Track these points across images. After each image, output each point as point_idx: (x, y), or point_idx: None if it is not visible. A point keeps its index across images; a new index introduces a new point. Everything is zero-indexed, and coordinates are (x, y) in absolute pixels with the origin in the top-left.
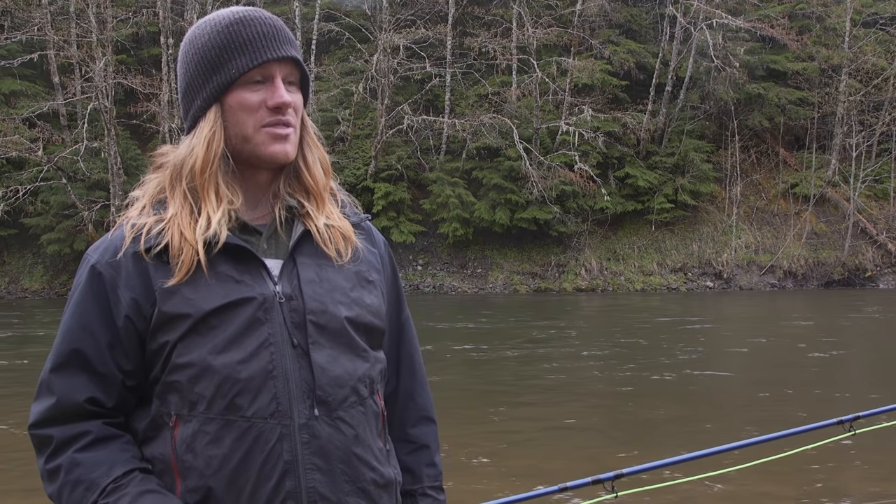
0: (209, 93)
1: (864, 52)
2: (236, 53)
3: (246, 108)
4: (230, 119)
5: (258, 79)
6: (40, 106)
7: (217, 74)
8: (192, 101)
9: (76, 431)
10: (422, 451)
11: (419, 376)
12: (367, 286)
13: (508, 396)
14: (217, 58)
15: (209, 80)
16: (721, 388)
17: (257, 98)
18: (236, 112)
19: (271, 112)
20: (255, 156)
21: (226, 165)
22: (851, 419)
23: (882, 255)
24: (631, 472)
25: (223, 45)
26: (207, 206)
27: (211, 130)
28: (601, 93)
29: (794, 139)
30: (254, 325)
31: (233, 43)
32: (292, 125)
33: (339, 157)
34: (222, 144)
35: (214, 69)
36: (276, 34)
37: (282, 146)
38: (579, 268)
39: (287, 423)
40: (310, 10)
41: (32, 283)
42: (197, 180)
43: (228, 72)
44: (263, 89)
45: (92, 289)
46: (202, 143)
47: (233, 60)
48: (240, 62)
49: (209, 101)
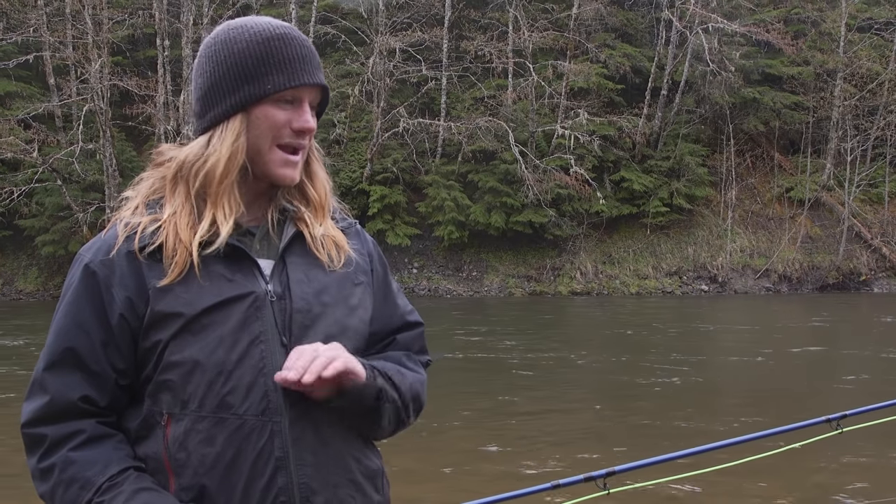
0: (238, 100)
1: (859, 56)
2: (274, 70)
3: (271, 124)
4: (252, 131)
5: (289, 98)
6: (35, 107)
7: (250, 84)
8: (215, 103)
9: (70, 430)
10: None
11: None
12: (354, 288)
13: (501, 395)
14: (253, 68)
15: (240, 87)
16: (714, 389)
17: (284, 117)
18: (259, 125)
19: (293, 134)
20: (264, 172)
21: (243, 177)
22: (839, 417)
23: (876, 259)
24: (622, 469)
25: (261, 57)
26: (218, 213)
27: (236, 140)
28: (597, 96)
29: (789, 143)
30: (245, 322)
31: (272, 58)
32: (305, 149)
33: (335, 160)
34: (244, 155)
35: (248, 78)
36: (311, 58)
37: (291, 172)
38: (574, 271)
39: (278, 420)
40: (306, 12)
41: (27, 285)
42: (213, 188)
43: (263, 85)
44: (291, 110)
45: (86, 287)
46: (226, 152)
47: (269, 75)
48: (277, 79)
49: (236, 109)
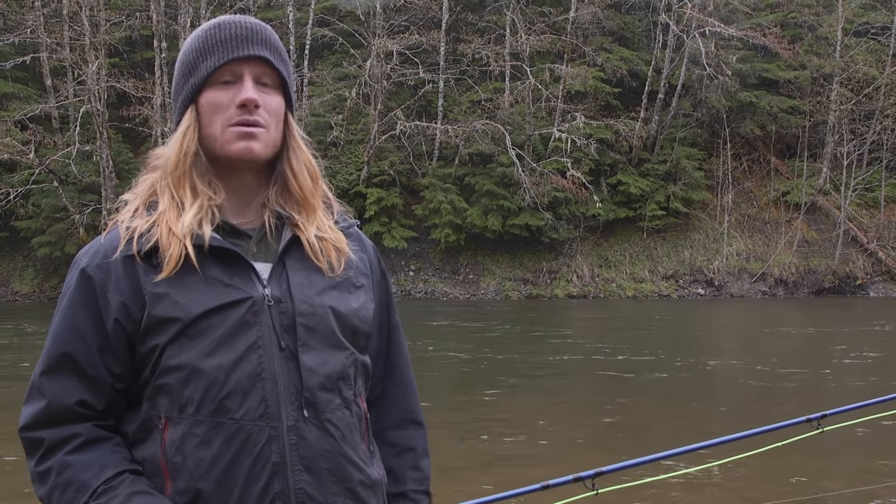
0: (186, 94)
1: (856, 61)
2: (208, 55)
3: (215, 106)
4: (204, 119)
5: (227, 78)
6: (32, 108)
7: (192, 76)
8: (175, 103)
9: (67, 434)
10: (406, 454)
11: (407, 380)
12: (355, 291)
13: (492, 397)
14: (193, 61)
15: (186, 82)
16: (701, 390)
17: (226, 97)
18: (208, 112)
19: (238, 111)
20: (223, 154)
21: (199, 163)
22: (819, 417)
23: (872, 263)
24: (611, 469)
25: (199, 49)
26: (185, 201)
27: (184, 130)
28: (594, 100)
29: (785, 147)
30: (243, 327)
31: (206, 45)
32: (262, 125)
33: (332, 163)
34: (195, 142)
35: (191, 71)
36: (248, 35)
37: (245, 143)
38: (571, 274)
39: (275, 425)
40: (303, 15)
41: (23, 287)
42: (171, 177)
43: (200, 73)
44: (234, 88)
45: (82, 292)
46: (175, 141)
47: (205, 61)
48: (209, 62)
49: (186, 103)
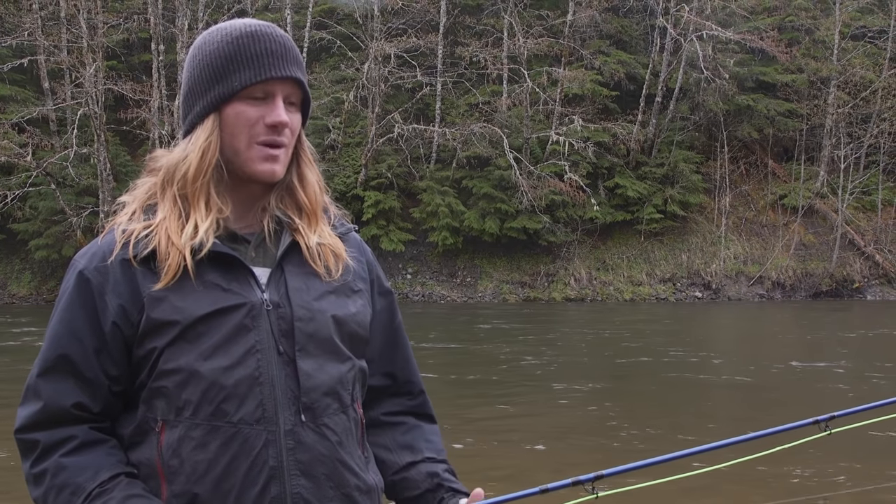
0: (210, 101)
1: (853, 64)
2: (242, 66)
3: (243, 121)
4: (226, 130)
5: (259, 95)
6: (30, 111)
7: (220, 84)
8: (192, 105)
9: (62, 436)
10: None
11: (415, 379)
12: (353, 295)
13: (489, 400)
14: (222, 67)
15: (212, 88)
16: (704, 392)
17: (256, 113)
18: (233, 124)
19: (267, 130)
20: (244, 171)
21: (219, 176)
22: (827, 419)
23: (870, 266)
24: (611, 472)
25: (230, 56)
26: (196, 213)
27: (207, 140)
28: (591, 103)
29: (782, 151)
30: (241, 332)
31: (240, 55)
32: (285, 145)
33: (330, 165)
34: (217, 154)
35: (218, 78)
36: (284, 53)
37: (271, 166)
38: (568, 277)
39: (273, 430)
40: (301, 17)
41: (20, 289)
42: (188, 188)
43: (231, 83)
44: (263, 106)
45: (79, 295)
46: (197, 151)
47: (237, 73)
48: (244, 75)
49: (208, 109)
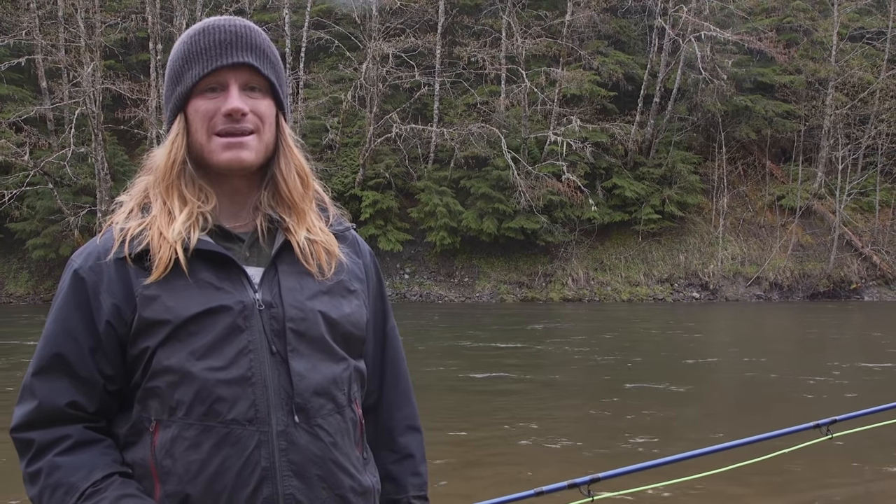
0: (174, 103)
1: (851, 65)
2: (193, 63)
3: (201, 115)
4: (192, 127)
5: (213, 86)
6: (27, 110)
7: (179, 85)
8: (166, 109)
9: (57, 435)
10: (406, 460)
11: (404, 385)
12: (348, 295)
13: (485, 402)
14: (180, 69)
15: (174, 90)
16: (701, 395)
17: (213, 106)
18: (193, 120)
19: (224, 120)
20: (211, 163)
21: (186, 171)
22: (829, 423)
23: (867, 267)
24: (607, 476)
25: (184, 56)
26: (174, 208)
27: (173, 140)
28: (589, 103)
29: (780, 151)
30: (233, 332)
31: (191, 53)
32: (250, 131)
33: (328, 165)
34: (183, 151)
35: (178, 79)
36: (233, 41)
37: (234, 153)
38: (566, 277)
39: (265, 430)
40: (299, 17)
41: (17, 289)
42: (161, 185)
43: (185, 82)
44: (219, 97)
45: (74, 294)
46: (164, 151)
47: (190, 70)
48: (194, 71)
49: (175, 111)
